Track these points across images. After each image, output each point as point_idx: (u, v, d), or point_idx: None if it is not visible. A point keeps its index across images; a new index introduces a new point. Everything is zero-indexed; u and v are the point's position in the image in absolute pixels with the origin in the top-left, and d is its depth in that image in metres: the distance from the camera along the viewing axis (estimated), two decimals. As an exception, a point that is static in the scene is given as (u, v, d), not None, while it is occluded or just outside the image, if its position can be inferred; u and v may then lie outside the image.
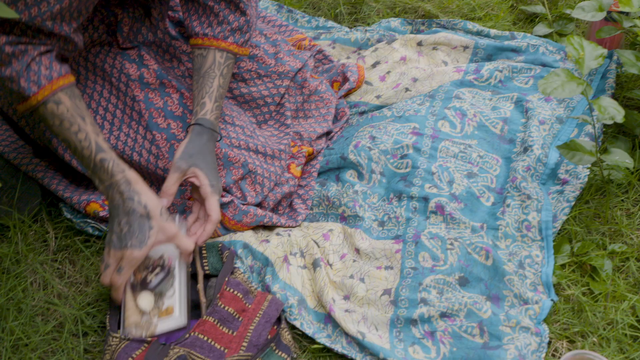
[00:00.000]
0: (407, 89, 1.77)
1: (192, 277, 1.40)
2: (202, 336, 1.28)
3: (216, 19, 1.49)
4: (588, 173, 1.54)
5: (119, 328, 1.32)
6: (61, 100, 1.30)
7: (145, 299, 1.33)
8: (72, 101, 1.31)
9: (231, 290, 1.33)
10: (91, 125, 1.31)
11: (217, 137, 1.45)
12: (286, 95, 1.69)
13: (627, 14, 1.69)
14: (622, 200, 1.52)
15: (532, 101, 1.68)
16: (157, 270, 1.34)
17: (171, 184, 1.37)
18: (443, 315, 1.32)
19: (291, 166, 1.60)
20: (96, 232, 1.53)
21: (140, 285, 1.33)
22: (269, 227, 1.54)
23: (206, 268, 1.40)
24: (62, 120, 1.30)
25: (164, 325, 1.31)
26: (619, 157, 1.48)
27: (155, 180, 1.54)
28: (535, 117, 1.64)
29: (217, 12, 1.48)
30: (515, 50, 1.85)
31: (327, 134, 1.71)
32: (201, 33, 1.49)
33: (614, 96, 1.72)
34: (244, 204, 1.51)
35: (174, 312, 1.32)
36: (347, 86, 1.79)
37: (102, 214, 1.51)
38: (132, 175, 1.31)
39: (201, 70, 1.48)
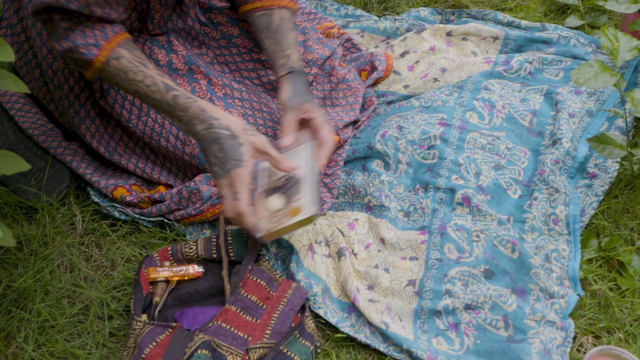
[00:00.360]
0: (435, 79, 1.76)
1: (217, 262, 1.41)
2: (225, 325, 1.29)
3: None
4: (617, 167, 1.52)
5: (143, 312, 1.33)
6: (121, 54, 1.34)
7: (274, 201, 1.39)
8: (131, 53, 1.35)
9: (255, 278, 1.33)
10: (155, 69, 1.36)
11: (309, 81, 1.54)
12: (314, 83, 1.69)
13: (661, 6, 1.66)
14: (652, 195, 1.50)
15: (562, 94, 1.66)
16: (285, 180, 1.41)
17: (290, 122, 1.45)
18: (467, 307, 1.32)
19: None
20: (123, 217, 1.54)
21: (266, 193, 1.40)
22: (294, 215, 1.54)
23: (231, 255, 1.41)
24: (127, 72, 1.34)
25: (295, 220, 1.34)
26: (650, 151, 1.46)
27: (182, 167, 1.54)
28: (565, 110, 1.62)
29: None
30: (546, 42, 1.83)
31: (354, 122, 1.70)
32: None
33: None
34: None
35: (301, 212, 1.34)
36: (375, 75, 1.78)
37: (128, 198, 1.52)
38: (204, 103, 1.35)
39: (270, 27, 1.54)
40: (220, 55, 1.64)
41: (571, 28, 1.87)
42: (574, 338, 1.29)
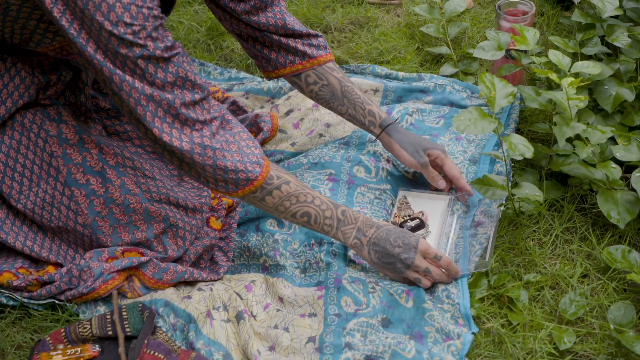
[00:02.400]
0: (321, 135, 1.80)
1: (113, 339, 1.38)
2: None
3: (301, 41, 1.61)
4: (502, 209, 1.58)
5: None
6: (288, 179, 1.41)
7: None
8: (293, 177, 1.43)
9: (152, 352, 1.31)
10: (316, 191, 1.44)
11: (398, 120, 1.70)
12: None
13: (525, 51, 1.76)
14: (534, 230, 1.57)
15: (444, 145, 1.72)
16: (416, 220, 1.58)
17: (432, 174, 1.61)
18: (368, 358, 1.33)
19: (211, 219, 1.59)
20: (10, 302, 1.49)
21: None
22: (191, 283, 1.53)
23: (127, 330, 1.38)
24: (297, 195, 1.40)
25: None
26: (529, 190, 1.53)
27: (73, 241, 1.51)
28: None
29: (296, 39, 1.61)
30: (424, 91, 1.90)
31: None
32: (297, 60, 1.61)
33: (519, 130, 1.79)
34: (163, 261, 1.50)
35: None
36: (261, 136, 1.81)
37: (15, 282, 1.47)
38: (364, 216, 1.46)
39: (336, 96, 1.64)
40: (111, 126, 1.63)
41: (446, 76, 1.96)
42: (473, 377, 1.32)
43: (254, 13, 1.55)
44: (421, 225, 1.58)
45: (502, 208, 1.57)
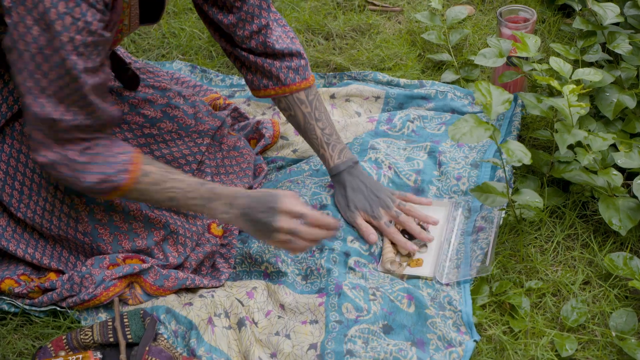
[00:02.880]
0: (322, 142, 1.80)
1: (114, 346, 1.38)
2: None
3: (273, 67, 1.57)
4: (503, 215, 1.58)
5: None
6: (147, 171, 1.34)
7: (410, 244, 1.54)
8: (155, 166, 1.36)
9: (153, 359, 1.31)
10: (177, 173, 1.38)
11: (353, 161, 1.60)
12: (206, 153, 1.69)
13: (526, 58, 1.76)
14: (535, 237, 1.57)
15: (445, 152, 1.72)
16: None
17: (362, 229, 1.55)
18: (369, 365, 1.33)
19: (212, 226, 1.59)
20: (12, 309, 1.49)
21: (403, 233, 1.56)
22: (192, 289, 1.53)
23: (129, 337, 1.38)
24: (158, 182, 1.34)
25: (411, 271, 1.51)
26: (530, 197, 1.53)
27: (74, 249, 1.51)
28: (451, 175, 1.68)
29: (270, 62, 1.58)
30: (425, 98, 1.90)
31: (249, 189, 1.71)
32: (270, 85, 1.59)
33: (520, 137, 1.79)
34: (164, 268, 1.50)
35: (422, 265, 1.52)
36: (263, 142, 1.81)
37: (17, 289, 1.47)
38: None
39: (300, 128, 1.61)
40: (112, 134, 1.63)
41: (447, 83, 1.96)
42: (474, 385, 1.32)
43: (240, 26, 1.54)
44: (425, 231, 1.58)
45: (504, 213, 1.57)
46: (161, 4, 1.47)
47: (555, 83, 1.55)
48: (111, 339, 1.38)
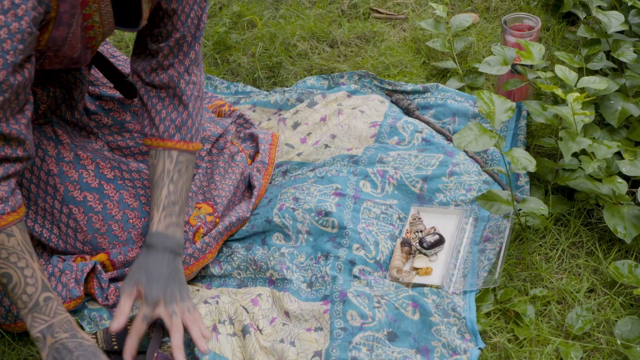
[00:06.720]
0: (326, 145, 1.80)
1: (119, 353, 1.38)
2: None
3: (158, 116, 1.48)
4: (510, 224, 1.57)
5: None
6: (13, 232, 1.25)
7: (418, 259, 1.55)
8: (22, 235, 1.26)
9: (158, 365, 1.31)
10: (38, 263, 1.27)
11: (168, 243, 1.41)
12: (206, 158, 1.70)
13: (530, 66, 1.76)
14: (540, 245, 1.57)
15: (459, 164, 1.70)
16: (435, 236, 1.57)
17: (121, 307, 1.34)
18: (374, 373, 1.33)
19: (196, 235, 1.58)
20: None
21: (413, 242, 1.58)
22: (197, 296, 1.53)
23: (134, 343, 1.38)
24: (10, 253, 1.24)
25: (420, 280, 1.52)
26: (534, 204, 1.53)
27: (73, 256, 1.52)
28: (462, 186, 1.67)
29: (159, 110, 1.48)
30: (427, 107, 1.90)
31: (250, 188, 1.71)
32: (149, 133, 1.49)
33: (527, 145, 1.79)
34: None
35: (432, 274, 1.53)
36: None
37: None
38: (72, 318, 1.28)
39: (152, 180, 1.47)
40: (113, 142, 1.63)
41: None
42: (479, 393, 1.32)
43: (160, 69, 1.47)
44: (441, 240, 1.57)
45: (511, 224, 1.57)
46: (137, 9, 1.39)
47: (559, 91, 1.55)
48: (116, 346, 1.38)
